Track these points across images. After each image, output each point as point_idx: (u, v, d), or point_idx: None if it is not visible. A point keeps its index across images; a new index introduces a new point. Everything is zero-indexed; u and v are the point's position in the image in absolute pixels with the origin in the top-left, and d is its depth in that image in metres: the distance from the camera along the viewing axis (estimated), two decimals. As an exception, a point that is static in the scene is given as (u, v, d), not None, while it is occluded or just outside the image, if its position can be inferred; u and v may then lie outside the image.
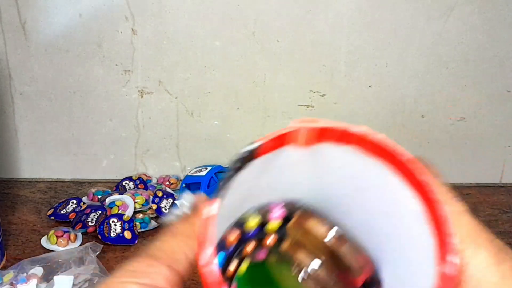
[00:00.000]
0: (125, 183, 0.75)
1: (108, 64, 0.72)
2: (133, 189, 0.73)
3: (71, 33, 0.70)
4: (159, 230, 0.29)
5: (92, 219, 0.66)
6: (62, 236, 0.62)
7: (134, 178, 0.76)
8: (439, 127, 0.78)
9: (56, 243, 0.62)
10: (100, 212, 0.67)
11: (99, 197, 0.72)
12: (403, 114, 0.77)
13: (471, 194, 0.79)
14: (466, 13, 0.71)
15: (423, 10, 0.71)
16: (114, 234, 0.63)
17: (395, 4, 0.71)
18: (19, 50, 0.71)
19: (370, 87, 0.75)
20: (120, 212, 0.67)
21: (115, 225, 0.64)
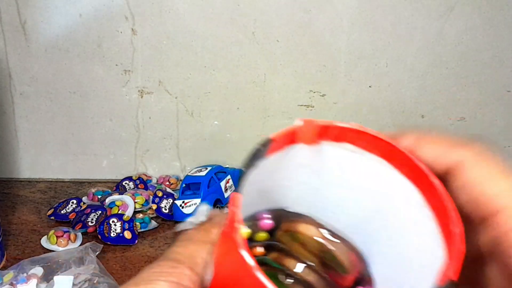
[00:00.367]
0: (125, 183, 0.75)
1: (108, 64, 0.72)
2: (133, 189, 0.73)
3: (71, 33, 0.70)
4: (174, 235, 0.29)
5: (92, 219, 0.66)
6: (62, 236, 0.62)
7: (134, 178, 0.76)
8: (439, 127, 0.78)
9: (56, 243, 0.62)
10: (100, 212, 0.67)
11: (99, 197, 0.72)
12: (403, 114, 0.77)
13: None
14: (466, 13, 0.71)
15: (423, 10, 0.71)
16: (114, 234, 0.63)
17: (395, 4, 0.71)
18: (19, 50, 0.71)
19: (370, 87, 0.75)
20: (120, 212, 0.67)
21: (115, 225, 0.64)
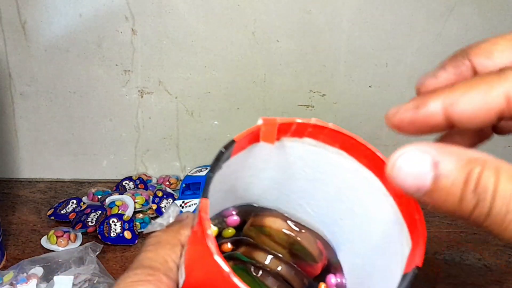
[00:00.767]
0: (125, 183, 0.75)
1: (108, 64, 0.72)
2: (133, 189, 0.73)
3: (71, 33, 0.70)
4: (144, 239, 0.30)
5: (92, 219, 0.66)
6: (62, 236, 0.62)
7: (134, 178, 0.76)
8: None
9: (56, 243, 0.62)
10: (100, 212, 0.67)
11: (99, 197, 0.72)
12: (403, 114, 0.77)
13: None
14: (466, 13, 0.71)
15: (423, 10, 0.71)
16: (114, 234, 0.63)
17: (395, 4, 0.71)
18: (19, 50, 0.71)
19: (370, 87, 0.75)
20: (120, 212, 0.67)
21: (115, 225, 0.64)
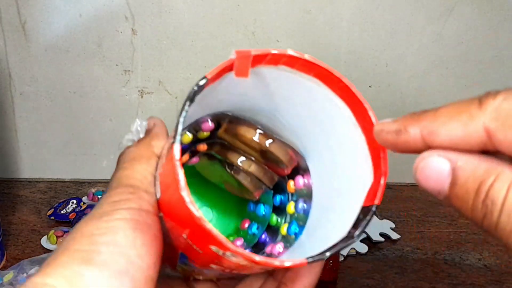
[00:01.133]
0: (125, 183, 0.75)
1: (108, 64, 0.72)
2: (133, 189, 0.73)
3: (71, 33, 0.70)
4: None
5: (92, 219, 0.65)
6: (62, 236, 0.62)
7: (134, 178, 0.76)
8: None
9: (56, 243, 0.62)
10: (100, 212, 0.67)
11: (99, 197, 0.72)
12: (403, 114, 0.77)
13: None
14: (466, 13, 0.71)
15: (423, 10, 0.71)
16: (114, 234, 0.63)
17: (395, 4, 0.71)
18: (19, 50, 0.71)
19: (370, 87, 0.75)
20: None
21: (115, 225, 0.64)
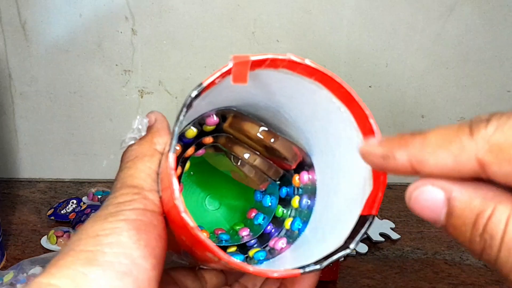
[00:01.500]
0: (125, 183, 0.75)
1: (108, 64, 0.72)
2: (133, 189, 0.73)
3: (71, 33, 0.70)
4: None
5: (92, 219, 0.65)
6: (62, 236, 0.62)
7: (134, 178, 0.76)
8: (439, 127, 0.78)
9: (56, 243, 0.62)
10: (100, 212, 0.67)
11: (99, 197, 0.72)
12: (403, 114, 0.77)
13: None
14: (466, 13, 0.71)
15: (423, 10, 0.71)
16: (114, 234, 0.63)
17: (395, 4, 0.71)
18: (19, 50, 0.71)
19: (370, 87, 0.75)
20: (120, 212, 0.67)
21: (115, 225, 0.64)
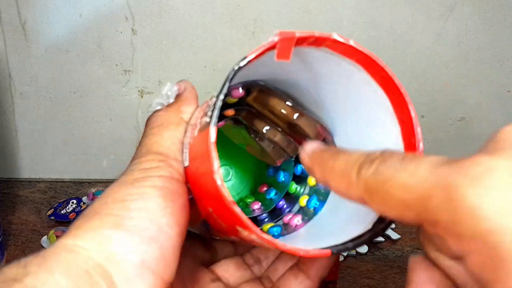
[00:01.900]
0: (125, 183, 0.75)
1: (108, 64, 0.72)
2: (133, 189, 0.73)
3: (71, 33, 0.70)
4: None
5: (92, 219, 0.65)
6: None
7: (134, 178, 0.76)
8: (439, 127, 0.78)
9: (56, 243, 0.62)
10: (100, 212, 0.67)
11: (99, 197, 0.72)
12: (403, 114, 0.77)
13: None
14: (466, 13, 0.71)
15: (423, 10, 0.71)
16: (114, 234, 0.63)
17: (395, 4, 0.71)
18: (19, 50, 0.71)
19: (370, 87, 0.75)
20: (120, 212, 0.67)
21: (115, 225, 0.64)
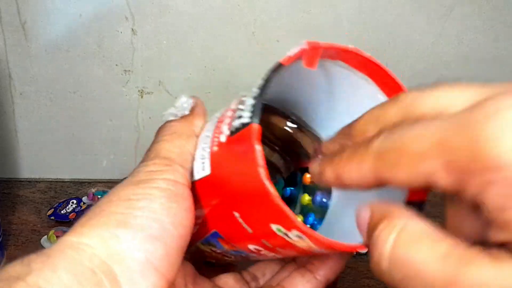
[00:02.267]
0: (125, 183, 0.75)
1: (108, 64, 0.72)
2: (133, 189, 0.73)
3: (71, 33, 0.70)
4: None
5: (92, 219, 0.65)
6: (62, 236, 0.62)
7: (134, 178, 0.76)
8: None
9: (56, 243, 0.62)
10: (100, 212, 0.67)
11: (99, 197, 0.72)
12: (403, 114, 0.77)
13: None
14: (466, 13, 0.71)
15: (423, 10, 0.71)
16: (114, 234, 0.63)
17: (395, 4, 0.71)
18: (19, 50, 0.71)
19: (370, 87, 0.75)
20: (120, 212, 0.67)
21: (115, 225, 0.64)
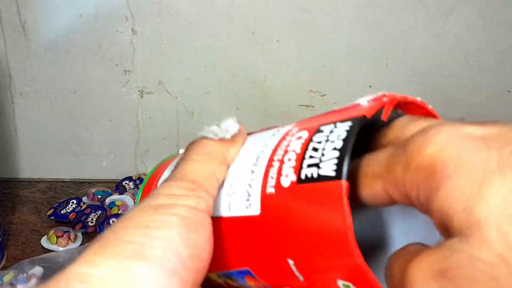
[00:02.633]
0: (125, 183, 0.75)
1: (108, 64, 0.72)
2: (133, 189, 0.73)
3: (71, 33, 0.70)
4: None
5: (92, 219, 0.66)
6: (62, 236, 0.62)
7: (134, 178, 0.76)
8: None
9: (56, 243, 0.62)
10: (100, 212, 0.67)
11: (99, 197, 0.72)
12: (403, 114, 0.77)
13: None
14: (466, 13, 0.71)
15: (423, 10, 0.71)
16: (114, 234, 0.63)
17: (395, 4, 0.71)
18: (19, 50, 0.71)
19: (370, 87, 0.75)
20: (120, 212, 0.67)
21: (115, 225, 0.64)
